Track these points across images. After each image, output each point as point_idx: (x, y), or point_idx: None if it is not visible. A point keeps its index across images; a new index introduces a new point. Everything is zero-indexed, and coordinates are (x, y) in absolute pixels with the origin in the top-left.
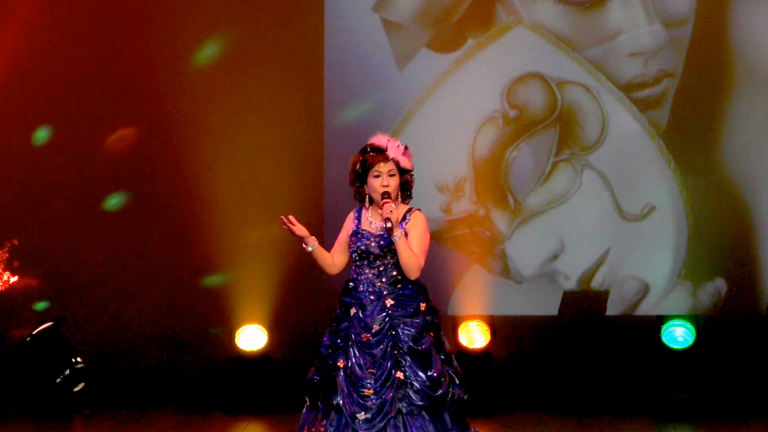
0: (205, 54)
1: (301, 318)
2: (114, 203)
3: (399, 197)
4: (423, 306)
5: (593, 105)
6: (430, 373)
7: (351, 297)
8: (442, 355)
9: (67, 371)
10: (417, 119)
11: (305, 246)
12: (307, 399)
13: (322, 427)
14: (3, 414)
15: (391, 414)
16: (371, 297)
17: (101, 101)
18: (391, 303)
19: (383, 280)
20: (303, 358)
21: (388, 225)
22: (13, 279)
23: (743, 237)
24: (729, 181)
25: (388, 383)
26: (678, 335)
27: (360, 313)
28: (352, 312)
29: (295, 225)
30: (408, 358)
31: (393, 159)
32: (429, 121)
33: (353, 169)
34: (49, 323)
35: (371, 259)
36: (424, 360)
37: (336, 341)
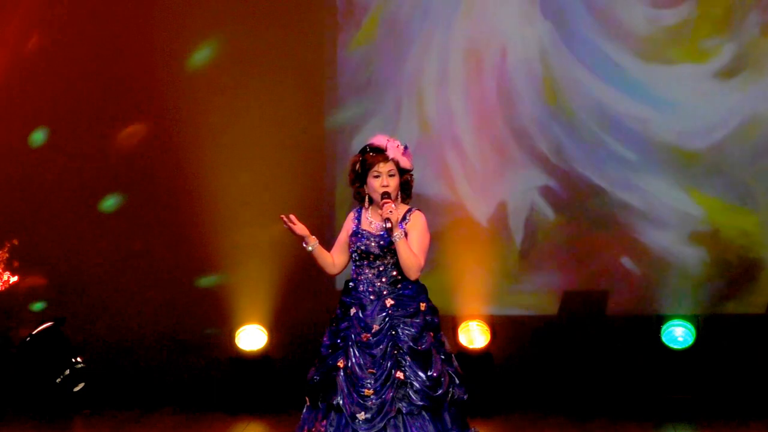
0: (205, 54)
1: (301, 318)
2: (114, 203)
3: (399, 197)
4: (423, 306)
5: None
6: (430, 373)
7: (351, 297)
8: (442, 355)
9: (67, 371)
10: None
11: (305, 245)
12: (308, 399)
13: (322, 428)
14: (3, 414)
15: (391, 414)
16: (371, 297)
17: (101, 101)
18: (391, 303)
19: (383, 280)
20: (303, 358)
21: (387, 225)
22: (13, 279)
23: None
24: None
25: (388, 383)
26: (678, 335)
27: (360, 313)
28: (351, 312)
29: (296, 224)
30: (408, 358)
31: (393, 159)
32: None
33: (353, 170)
34: (49, 323)
35: (371, 259)
36: (424, 360)
37: (336, 341)
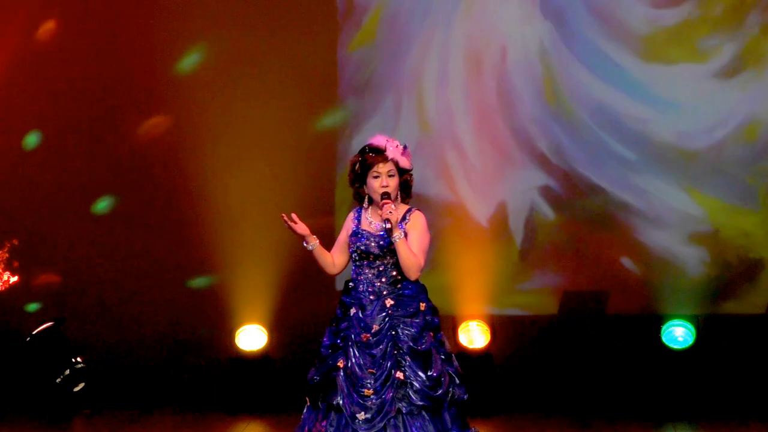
0: (204, 54)
1: (301, 318)
2: (114, 203)
3: (398, 197)
4: (423, 306)
5: None
6: (430, 373)
7: (351, 297)
8: (442, 355)
9: (67, 371)
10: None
11: (306, 245)
12: (308, 399)
13: (322, 428)
14: (3, 414)
15: (391, 414)
16: (371, 297)
17: (101, 102)
18: (391, 303)
19: (383, 280)
20: (303, 358)
21: (387, 226)
22: (14, 279)
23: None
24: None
25: (388, 383)
26: (678, 335)
27: (360, 313)
28: (351, 312)
29: (297, 223)
30: (408, 358)
31: (392, 159)
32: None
33: (352, 170)
34: (49, 323)
35: (371, 259)
36: (424, 360)
37: (336, 341)
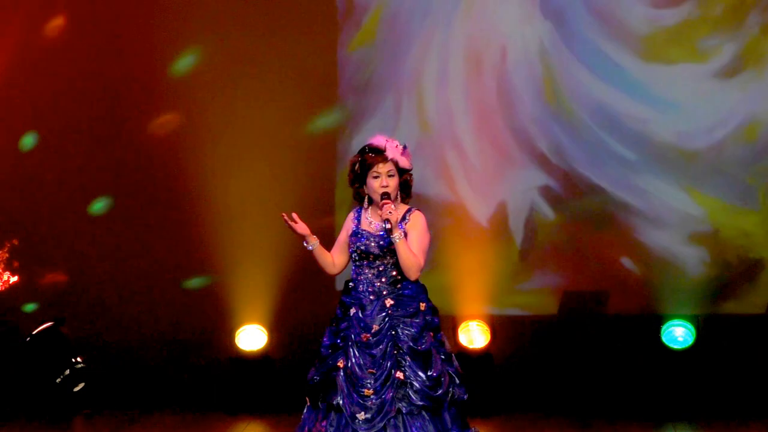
0: (204, 54)
1: (301, 318)
2: (114, 204)
3: (398, 197)
4: (423, 306)
5: None
6: (430, 373)
7: (350, 297)
8: (442, 355)
9: (67, 371)
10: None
11: (306, 245)
12: (308, 399)
13: (322, 428)
14: (3, 414)
15: (391, 414)
16: (371, 297)
17: (101, 101)
18: (391, 303)
19: (383, 280)
20: (303, 358)
21: (387, 226)
22: (13, 279)
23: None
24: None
25: (388, 383)
26: (678, 335)
27: (359, 313)
28: (351, 312)
29: (298, 223)
30: (408, 358)
31: (392, 159)
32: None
33: (352, 170)
34: (49, 323)
35: (371, 259)
36: (424, 360)
37: (336, 341)
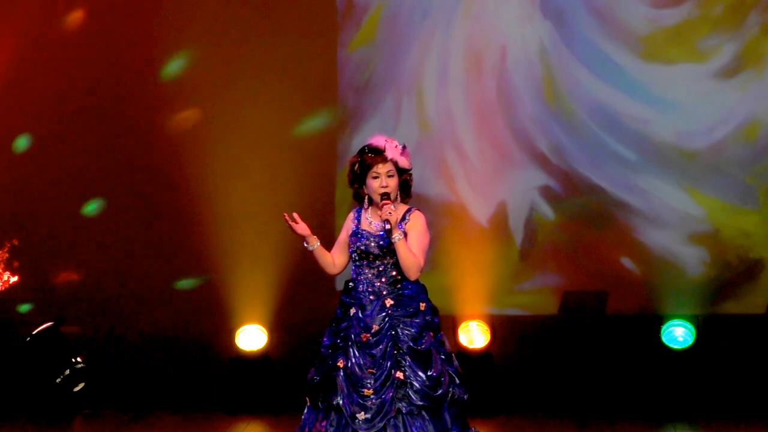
0: (204, 54)
1: (301, 318)
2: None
3: (398, 197)
4: (423, 306)
5: None
6: (430, 373)
7: (350, 297)
8: (442, 355)
9: (67, 371)
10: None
11: (307, 245)
12: (308, 399)
13: (322, 428)
14: (3, 414)
15: (391, 414)
16: (371, 297)
17: (101, 101)
18: (391, 303)
19: (383, 280)
20: (303, 358)
21: (387, 226)
22: (13, 279)
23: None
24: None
25: (388, 383)
26: (678, 335)
27: (359, 313)
28: (351, 312)
29: (298, 223)
30: (408, 358)
31: (391, 159)
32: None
33: (351, 171)
34: (49, 323)
35: (371, 259)
36: (424, 360)
37: (336, 341)
